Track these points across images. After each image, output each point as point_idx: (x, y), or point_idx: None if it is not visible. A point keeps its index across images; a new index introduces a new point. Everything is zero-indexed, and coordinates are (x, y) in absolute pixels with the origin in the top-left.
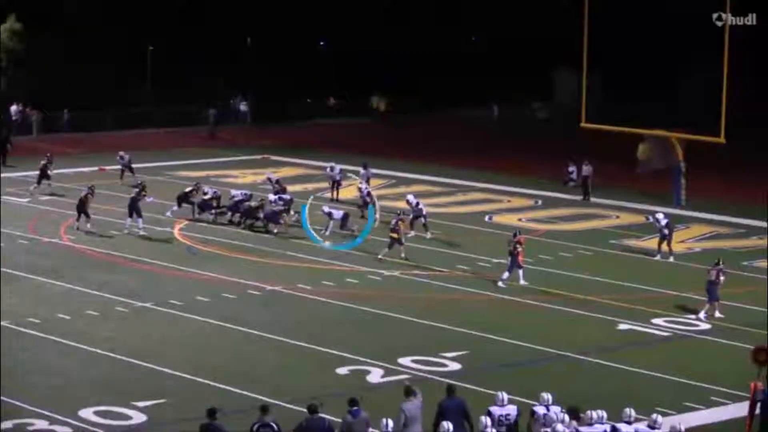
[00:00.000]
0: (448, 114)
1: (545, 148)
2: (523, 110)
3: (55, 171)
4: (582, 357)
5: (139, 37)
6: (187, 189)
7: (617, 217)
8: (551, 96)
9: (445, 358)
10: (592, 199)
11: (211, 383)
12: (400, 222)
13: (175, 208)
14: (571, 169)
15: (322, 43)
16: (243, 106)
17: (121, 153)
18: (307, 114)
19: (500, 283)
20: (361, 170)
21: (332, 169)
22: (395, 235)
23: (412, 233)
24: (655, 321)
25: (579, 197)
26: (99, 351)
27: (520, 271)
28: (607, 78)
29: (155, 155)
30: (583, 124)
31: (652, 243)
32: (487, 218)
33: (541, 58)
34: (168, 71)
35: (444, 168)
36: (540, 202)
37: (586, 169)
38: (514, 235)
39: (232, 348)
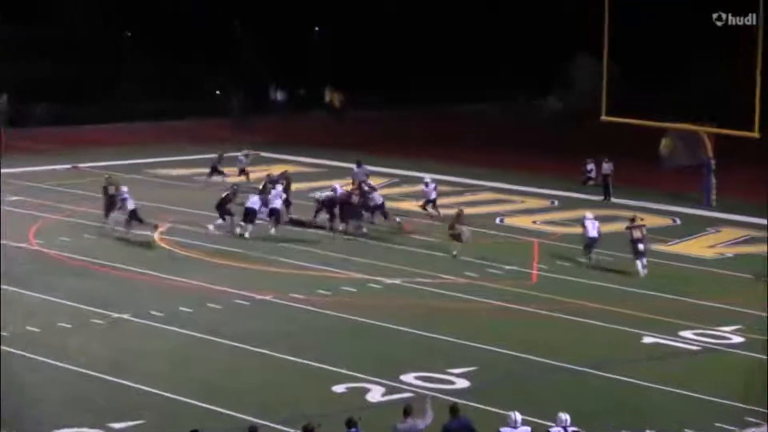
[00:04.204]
0: (451, 108)
1: (562, 143)
2: (537, 102)
3: (24, 169)
4: (603, 373)
5: (116, 24)
6: (223, 194)
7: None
8: (568, 86)
9: (451, 374)
10: (613, 200)
11: (195, 402)
12: (455, 217)
13: (219, 221)
14: (590, 166)
15: (317, 29)
16: (280, 95)
17: (245, 152)
18: (298, 105)
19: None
20: (354, 168)
21: (427, 185)
22: (454, 231)
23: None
24: (683, 333)
25: (599, 197)
26: (72, 367)
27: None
28: (630, 67)
29: (136, 151)
30: (603, 117)
31: (679, 247)
32: (498, 220)
33: (557, 44)
34: (147, 60)
35: (451, 165)
36: (556, 202)
37: (607, 167)
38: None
39: (217, 363)
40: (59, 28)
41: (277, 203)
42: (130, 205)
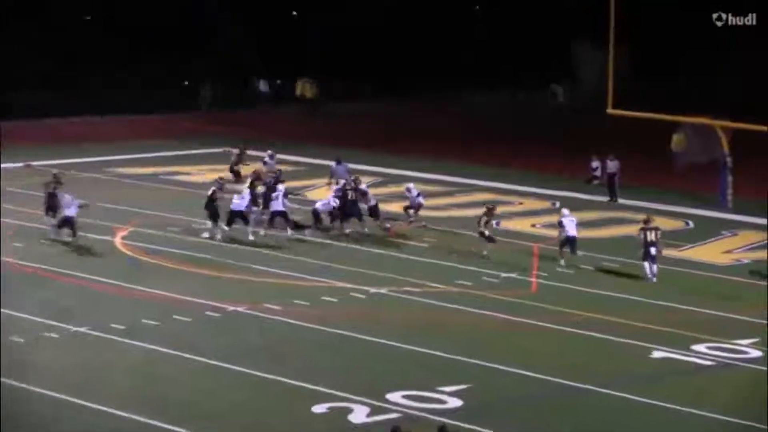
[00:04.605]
0: (442, 99)
1: (564, 138)
2: (538, 93)
3: None
4: (609, 391)
5: (79, 8)
6: (210, 191)
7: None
8: (574, 76)
9: (442, 392)
10: (621, 201)
11: (161, 424)
12: (485, 214)
13: (209, 225)
14: (595, 164)
15: (294, 13)
16: (263, 86)
17: (270, 152)
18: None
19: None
20: (333, 165)
21: (409, 190)
22: (485, 231)
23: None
24: (696, 347)
25: (604, 198)
26: (25, 386)
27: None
28: (638, 56)
29: (98, 147)
30: (609, 110)
31: (692, 252)
32: (494, 223)
33: (561, 29)
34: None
35: (441, 162)
36: (558, 204)
37: (612, 165)
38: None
39: (185, 381)
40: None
41: (279, 204)
42: (69, 211)
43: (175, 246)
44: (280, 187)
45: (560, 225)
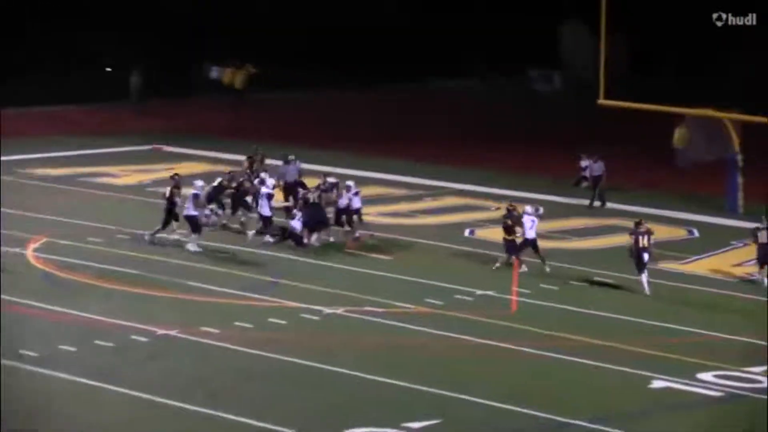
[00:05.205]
0: (407, 87)
1: (549, 133)
2: (516, 79)
3: None
4: (599, 427)
5: None
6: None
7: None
8: (558, 62)
9: (408, 429)
10: (617, 206)
11: None
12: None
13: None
14: (584, 163)
15: None
16: (215, 72)
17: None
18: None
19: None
20: (281, 165)
21: (349, 190)
22: (510, 237)
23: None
24: (702, 376)
25: (596, 203)
26: None
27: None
28: (635, 40)
29: (7, 145)
30: (601, 101)
31: (697, 266)
32: (467, 232)
33: (544, 10)
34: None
35: (406, 161)
36: (541, 210)
37: (597, 167)
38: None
39: (108, 415)
40: None
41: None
42: None
43: (96, 259)
44: (269, 182)
45: (520, 224)
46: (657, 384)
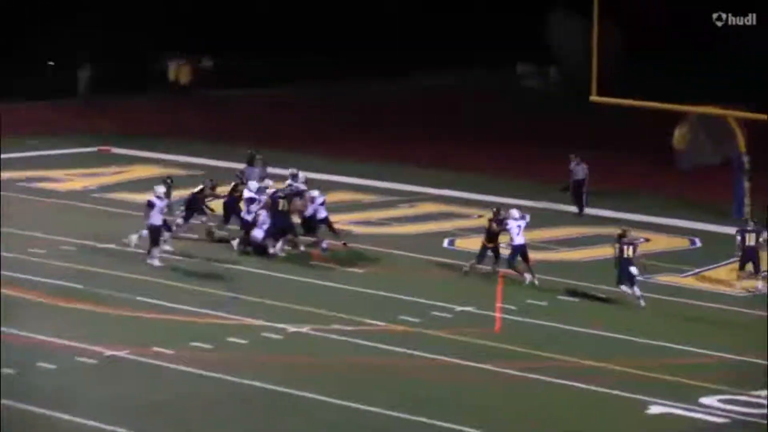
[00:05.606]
0: (378, 82)
1: (537, 133)
2: (500, 74)
3: None
4: None
5: None
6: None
7: (645, 240)
8: (546, 56)
9: None
10: (606, 213)
11: None
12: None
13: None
14: (574, 166)
15: None
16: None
17: (293, 171)
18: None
19: None
20: (245, 167)
21: (314, 200)
22: (491, 244)
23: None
24: (704, 400)
25: (574, 209)
26: None
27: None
28: (630, 32)
29: None
30: (593, 98)
31: (700, 279)
32: (446, 243)
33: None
34: None
35: (379, 164)
36: (527, 217)
37: (580, 170)
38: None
39: None
40: None
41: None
42: None
43: (38, 273)
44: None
45: (505, 229)
46: (655, 409)
